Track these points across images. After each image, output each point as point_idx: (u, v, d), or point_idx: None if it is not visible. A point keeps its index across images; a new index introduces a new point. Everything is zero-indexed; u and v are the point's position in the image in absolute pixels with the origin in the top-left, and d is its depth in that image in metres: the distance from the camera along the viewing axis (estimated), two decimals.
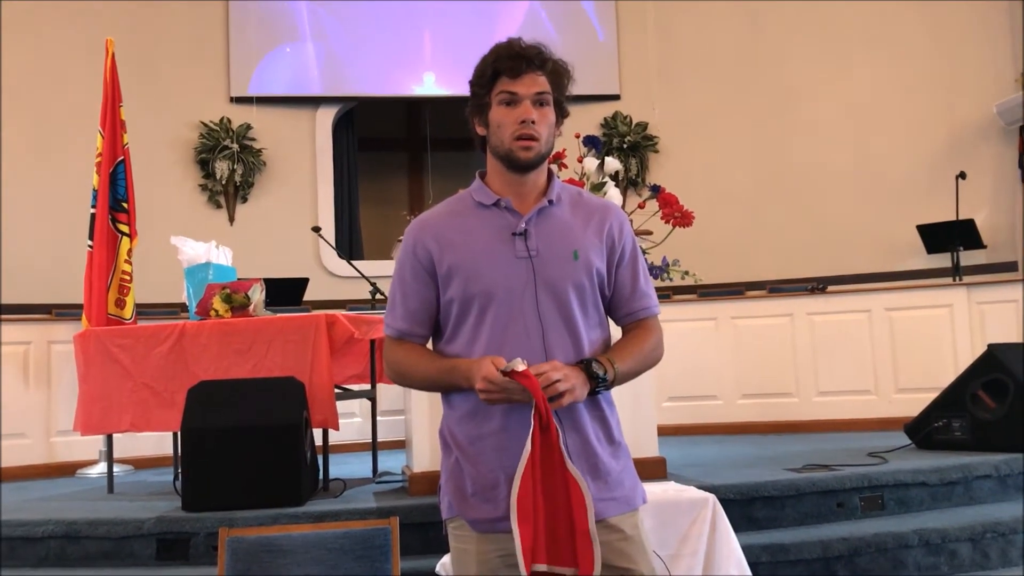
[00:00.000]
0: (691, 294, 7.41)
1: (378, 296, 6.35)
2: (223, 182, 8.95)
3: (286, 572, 2.61)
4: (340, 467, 5.19)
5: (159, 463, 6.32)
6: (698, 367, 6.99)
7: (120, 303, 6.05)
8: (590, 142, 4.60)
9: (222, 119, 9.01)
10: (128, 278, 6.12)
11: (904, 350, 6.80)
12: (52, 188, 8.20)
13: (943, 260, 7.93)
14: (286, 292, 7.13)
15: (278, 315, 4.88)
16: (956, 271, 7.54)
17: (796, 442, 6.06)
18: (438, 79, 9.50)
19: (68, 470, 6.22)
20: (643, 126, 9.54)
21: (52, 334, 6.42)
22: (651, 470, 4.18)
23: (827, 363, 6.94)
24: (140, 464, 6.34)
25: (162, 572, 3.80)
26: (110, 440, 5.09)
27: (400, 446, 5.36)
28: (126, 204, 6.18)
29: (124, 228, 6.14)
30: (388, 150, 11.71)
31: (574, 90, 2.08)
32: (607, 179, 4.53)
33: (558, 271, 1.99)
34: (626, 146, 9.41)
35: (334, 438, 4.84)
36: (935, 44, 8.79)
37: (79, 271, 6.21)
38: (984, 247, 7.99)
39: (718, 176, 9.19)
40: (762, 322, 7.11)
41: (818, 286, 7.28)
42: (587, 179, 4.51)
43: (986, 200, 8.41)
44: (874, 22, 8.97)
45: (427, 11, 9.47)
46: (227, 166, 8.90)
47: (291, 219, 9.04)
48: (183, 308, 6.07)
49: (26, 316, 6.80)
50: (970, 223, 7.77)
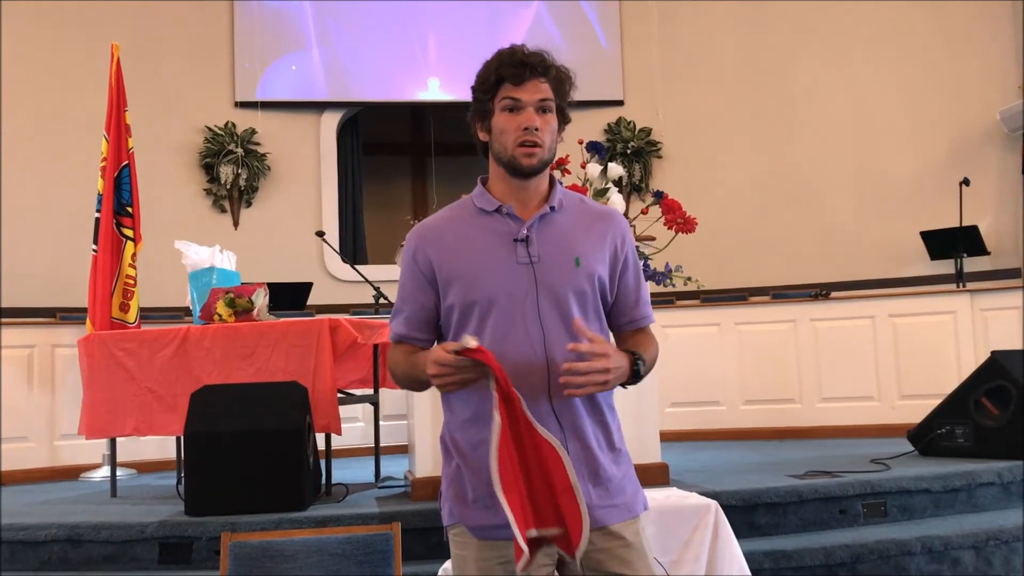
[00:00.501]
0: (694, 300, 7.41)
1: (381, 301, 6.36)
2: (227, 186, 8.96)
3: None
4: (342, 472, 5.19)
5: (162, 467, 6.33)
6: (701, 373, 6.99)
7: (124, 307, 6.06)
8: (593, 148, 4.61)
9: (227, 124, 9.03)
10: (132, 282, 6.14)
11: (907, 356, 6.80)
12: (57, 192, 8.22)
13: (946, 267, 7.92)
14: (290, 296, 7.15)
15: (282, 319, 4.89)
16: (959, 278, 7.53)
17: (799, 448, 6.06)
18: (442, 84, 9.52)
19: (71, 474, 6.23)
20: (646, 132, 9.54)
21: (56, 338, 6.44)
22: (653, 476, 4.18)
23: (830, 369, 6.93)
24: (143, 468, 6.36)
25: None
26: (113, 444, 5.10)
27: (403, 451, 5.37)
28: (131, 208, 6.20)
29: (128, 232, 6.16)
30: (392, 155, 11.72)
31: (577, 95, 2.09)
32: (610, 185, 4.53)
33: (559, 277, 1.99)
34: (629, 152, 9.41)
35: (336, 443, 4.85)
36: (940, 50, 8.79)
37: (83, 275, 6.22)
38: (988, 254, 7.97)
39: (721, 182, 9.18)
40: (765, 328, 7.11)
41: (821, 292, 7.28)
42: (590, 185, 4.52)
43: (990, 207, 8.40)
44: (878, 29, 8.97)
45: (432, 17, 9.49)
46: (231, 170, 8.91)
47: (295, 224, 9.05)
48: (187, 312, 6.08)
49: (30, 320, 6.81)
50: (974, 230, 7.76)
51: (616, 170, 4.55)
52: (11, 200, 8.10)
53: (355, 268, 6.40)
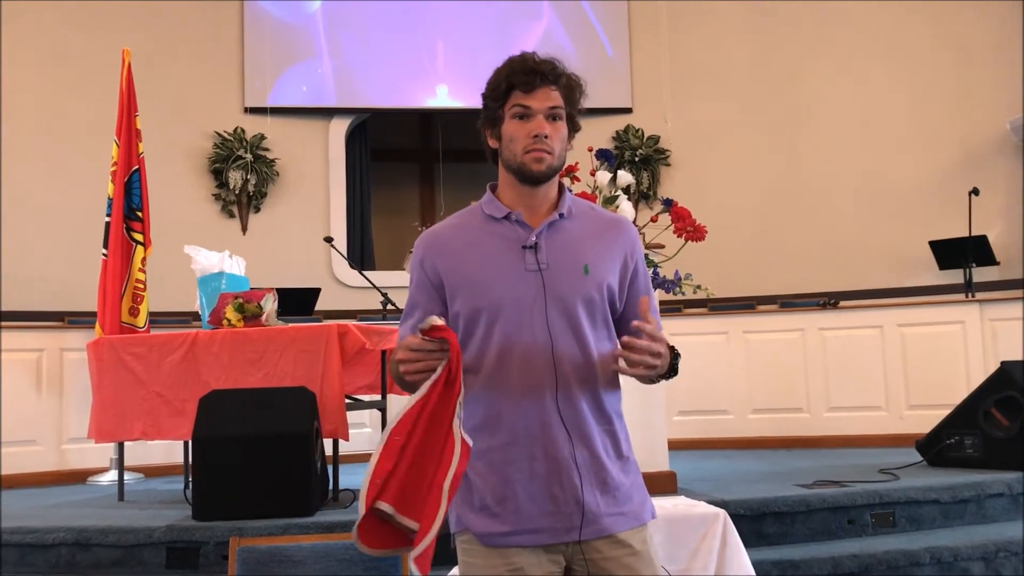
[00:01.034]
0: (702, 308, 7.40)
1: (389, 307, 6.36)
2: (236, 192, 8.99)
3: None
4: (350, 477, 5.18)
5: (169, 471, 6.33)
6: (709, 381, 6.98)
7: (134, 311, 6.08)
8: (602, 155, 4.60)
9: (236, 129, 9.06)
10: (142, 287, 6.15)
11: (916, 366, 6.77)
12: (67, 196, 8.26)
13: (955, 276, 7.90)
14: (298, 302, 7.16)
15: (290, 325, 4.90)
16: (968, 287, 7.51)
17: (807, 458, 6.04)
18: (451, 91, 9.54)
19: (79, 477, 6.25)
20: (655, 139, 9.55)
21: (64, 342, 6.47)
22: (661, 485, 4.17)
23: (838, 378, 6.91)
24: (150, 472, 6.36)
25: None
26: (121, 448, 5.11)
27: None
28: (140, 213, 6.22)
29: (138, 237, 6.18)
30: (400, 161, 11.75)
31: (586, 103, 2.08)
32: (619, 192, 4.53)
33: (568, 285, 1.99)
34: (638, 159, 9.42)
35: (344, 448, 4.85)
36: (949, 60, 8.78)
37: (93, 279, 6.24)
38: (997, 264, 7.95)
39: (730, 190, 9.18)
40: (773, 337, 7.09)
41: (830, 301, 7.26)
42: (599, 192, 4.52)
43: (999, 216, 8.38)
44: (888, 38, 8.97)
45: (441, 23, 9.52)
46: (241, 176, 8.95)
47: (303, 229, 9.08)
48: (196, 317, 6.10)
49: (39, 323, 6.84)
50: (983, 239, 7.74)
51: (626, 178, 4.55)
52: (21, 204, 8.14)
53: (363, 274, 6.42)
